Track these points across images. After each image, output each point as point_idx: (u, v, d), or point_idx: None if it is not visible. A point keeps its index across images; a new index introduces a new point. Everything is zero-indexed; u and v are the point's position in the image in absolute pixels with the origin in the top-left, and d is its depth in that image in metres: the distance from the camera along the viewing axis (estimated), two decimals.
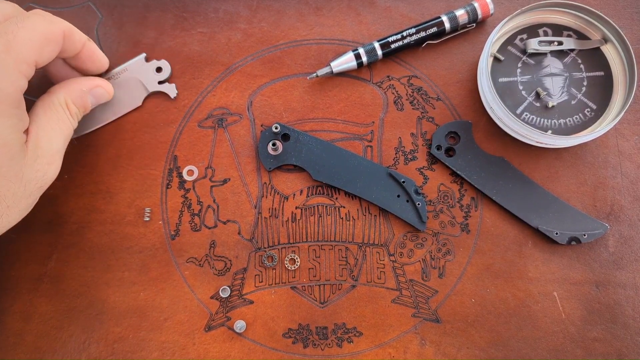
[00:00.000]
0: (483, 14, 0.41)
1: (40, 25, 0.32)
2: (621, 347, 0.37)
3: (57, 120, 0.35)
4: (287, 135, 0.40)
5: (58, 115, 0.35)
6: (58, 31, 0.33)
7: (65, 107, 0.35)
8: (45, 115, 0.34)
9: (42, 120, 0.34)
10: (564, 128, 0.39)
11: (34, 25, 0.32)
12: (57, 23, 0.34)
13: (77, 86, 0.37)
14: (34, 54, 0.31)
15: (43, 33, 0.32)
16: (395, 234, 0.40)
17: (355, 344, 0.38)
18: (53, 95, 0.35)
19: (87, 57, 0.38)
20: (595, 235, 0.39)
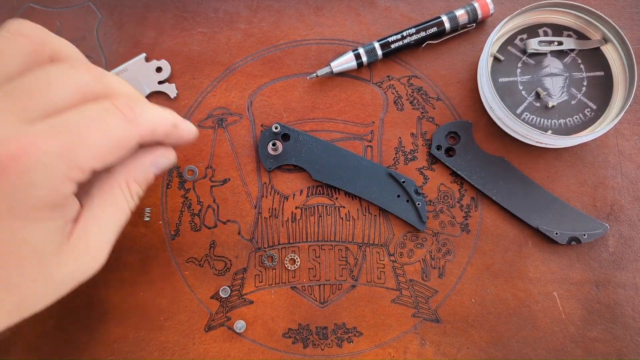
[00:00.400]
0: (483, 14, 0.41)
1: (117, 129, 0.25)
2: (621, 347, 0.37)
3: (114, 206, 0.28)
4: (287, 135, 0.40)
5: (116, 200, 0.28)
6: (135, 137, 0.26)
7: (126, 187, 0.29)
8: (100, 201, 0.28)
9: (96, 208, 0.28)
10: (564, 128, 0.39)
11: (108, 128, 0.25)
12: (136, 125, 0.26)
13: (140, 162, 0.30)
14: (94, 163, 0.25)
15: (117, 140, 0.25)
16: (395, 234, 0.40)
17: (355, 344, 0.38)
18: (113, 175, 0.29)
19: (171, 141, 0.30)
20: (595, 235, 0.39)
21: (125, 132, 0.26)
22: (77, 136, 0.24)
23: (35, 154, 0.23)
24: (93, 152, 0.25)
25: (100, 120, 0.25)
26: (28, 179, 0.23)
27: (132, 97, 0.29)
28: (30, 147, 0.23)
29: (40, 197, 0.24)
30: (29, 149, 0.23)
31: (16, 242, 0.24)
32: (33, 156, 0.23)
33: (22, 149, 0.22)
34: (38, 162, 0.23)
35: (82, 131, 0.24)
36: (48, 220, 0.25)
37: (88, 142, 0.24)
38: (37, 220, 0.24)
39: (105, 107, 0.25)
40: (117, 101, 0.26)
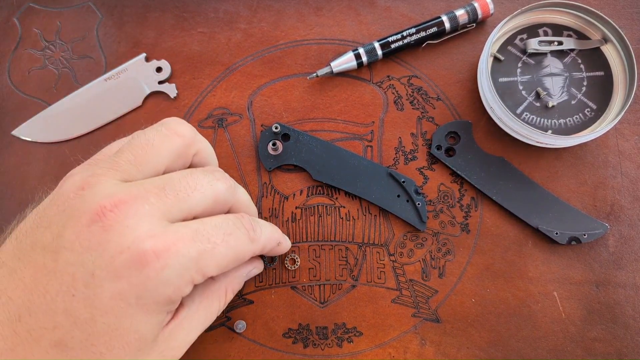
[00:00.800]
0: (483, 14, 0.41)
1: (242, 246, 0.28)
2: (621, 347, 0.37)
3: (208, 310, 0.31)
4: (287, 135, 0.40)
5: (212, 305, 0.31)
6: (251, 254, 0.30)
7: (224, 296, 0.32)
8: (199, 304, 0.30)
9: (193, 309, 0.30)
10: (564, 128, 0.39)
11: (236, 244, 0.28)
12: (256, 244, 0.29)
13: (239, 272, 0.33)
14: (215, 272, 0.27)
15: (239, 255, 0.28)
16: (396, 234, 0.40)
17: (355, 343, 0.38)
18: (215, 282, 0.31)
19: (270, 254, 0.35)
20: (596, 235, 0.39)
21: (247, 248, 0.29)
22: (211, 246, 0.26)
23: (176, 255, 0.25)
24: (218, 262, 0.27)
25: (231, 235, 0.27)
26: (163, 276, 0.25)
27: (253, 212, 0.33)
28: (173, 248, 0.25)
29: (166, 294, 0.26)
30: (172, 249, 0.25)
31: (129, 329, 0.25)
32: (174, 257, 0.25)
33: (167, 248, 0.25)
34: (177, 263, 0.25)
35: (217, 242, 0.27)
36: (159, 314, 0.26)
37: (217, 253, 0.27)
38: (152, 313, 0.26)
39: (236, 225, 0.28)
40: (244, 220, 0.29)
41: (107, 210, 0.25)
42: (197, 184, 0.28)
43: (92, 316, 0.24)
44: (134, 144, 0.28)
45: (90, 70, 0.43)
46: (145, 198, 0.26)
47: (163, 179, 0.27)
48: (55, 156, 0.41)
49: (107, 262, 0.24)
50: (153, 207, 0.25)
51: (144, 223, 0.25)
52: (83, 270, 0.24)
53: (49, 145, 0.42)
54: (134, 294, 0.25)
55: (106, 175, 0.27)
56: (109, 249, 0.24)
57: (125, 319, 0.25)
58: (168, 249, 0.25)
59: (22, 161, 0.41)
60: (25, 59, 0.43)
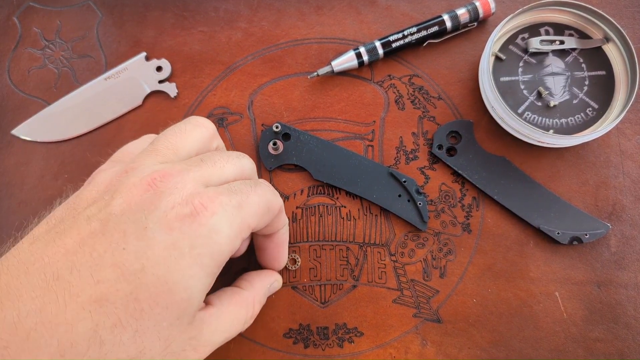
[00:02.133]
0: (484, 13, 0.41)
1: (268, 194, 0.31)
2: (623, 347, 0.37)
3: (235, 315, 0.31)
4: (288, 134, 0.40)
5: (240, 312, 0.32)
6: (278, 205, 0.32)
7: (252, 305, 0.33)
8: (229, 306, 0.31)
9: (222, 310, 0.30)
10: (565, 127, 0.39)
11: (264, 193, 0.30)
12: (279, 197, 0.32)
13: (263, 284, 0.35)
14: (256, 220, 0.29)
15: (269, 202, 0.31)
16: (397, 234, 0.39)
17: (356, 344, 0.38)
18: (244, 291, 0.33)
19: (276, 244, 0.35)
20: (597, 235, 0.38)
21: (273, 198, 0.31)
22: (246, 196, 0.29)
23: (220, 204, 0.27)
24: (256, 210, 0.29)
25: (257, 187, 0.30)
26: (214, 222, 0.27)
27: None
28: (216, 199, 0.27)
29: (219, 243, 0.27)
30: (216, 200, 0.27)
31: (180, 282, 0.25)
32: (218, 206, 0.27)
33: (211, 199, 0.27)
34: (223, 210, 0.27)
35: (249, 193, 0.29)
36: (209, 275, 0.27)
37: (252, 202, 0.29)
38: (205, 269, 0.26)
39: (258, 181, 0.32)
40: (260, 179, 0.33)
41: (157, 180, 0.27)
42: (229, 159, 0.31)
43: (143, 267, 0.24)
44: (169, 133, 0.31)
45: (90, 69, 0.43)
46: (188, 170, 0.28)
47: (200, 156, 0.31)
48: (55, 156, 0.41)
49: (160, 216, 0.26)
50: (196, 174, 0.28)
51: (190, 184, 0.27)
52: (135, 226, 0.25)
53: (48, 145, 0.42)
54: (187, 243, 0.26)
55: (148, 157, 0.29)
56: (162, 206, 0.26)
57: (176, 271, 0.25)
58: (213, 200, 0.27)
59: (22, 161, 0.41)
60: (25, 58, 0.43)
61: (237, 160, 0.32)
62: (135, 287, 0.24)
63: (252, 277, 0.35)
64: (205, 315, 0.28)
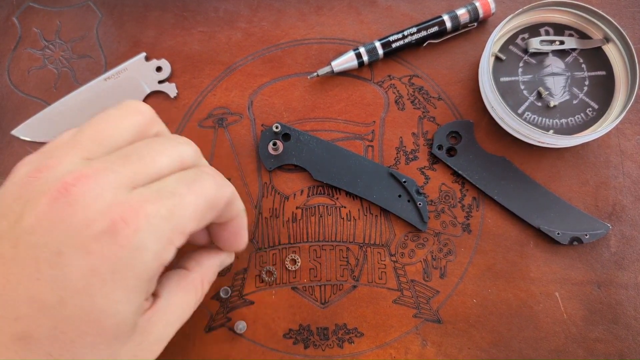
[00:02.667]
0: (484, 13, 0.41)
1: (210, 190, 0.27)
2: (623, 348, 0.37)
3: (185, 302, 0.29)
4: (288, 134, 0.40)
5: (189, 297, 0.29)
6: (224, 199, 0.28)
7: (201, 287, 0.30)
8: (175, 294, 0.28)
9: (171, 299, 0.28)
10: (565, 128, 0.39)
11: (203, 189, 0.26)
12: (225, 187, 0.28)
13: (212, 263, 0.32)
14: (193, 225, 0.26)
15: (211, 198, 0.27)
16: (397, 234, 0.39)
17: (356, 344, 0.38)
18: (191, 273, 0.30)
19: (232, 232, 0.32)
20: (597, 236, 0.38)
21: (217, 193, 0.27)
22: (179, 199, 0.25)
23: (144, 217, 0.23)
24: (192, 214, 0.25)
25: (195, 182, 0.26)
26: (137, 241, 0.23)
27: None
28: (140, 210, 0.23)
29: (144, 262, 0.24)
30: (139, 211, 0.23)
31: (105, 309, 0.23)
32: (143, 218, 0.23)
33: (134, 211, 0.23)
34: (147, 224, 0.23)
35: (183, 193, 0.25)
36: (139, 293, 0.24)
37: (187, 203, 0.25)
38: (132, 291, 0.24)
39: (198, 172, 0.27)
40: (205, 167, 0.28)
41: (70, 186, 0.23)
42: (163, 148, 0.26)
43: (61, 299, 0.22)
44: (95, 122, 0.27)
45: (90, 69, 0.43)
46: (110, 169, 0.24)
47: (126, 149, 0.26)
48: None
49: (73, 237, 0.22)
50: (118, 175, 0.24)
51: (108, 192, 0.23)
52: (47, 251, 0.22)
53: None
54: (108, 268, 0.22)
55: (67, 154, 0.25)
56: (75, 223, 0.22)
57: (99, 299, 0.23)
58: (136, 212, 0.23)
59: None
60: (25, 59, 0.43)
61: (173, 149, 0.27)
62: (58, 322, 0.22)
63: (201, 255, 0.32)
64: (151, 315, 0.26)
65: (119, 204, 0.23)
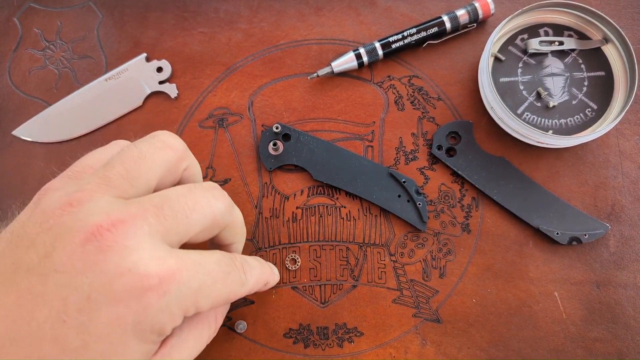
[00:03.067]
0: (484, 14, 0.41)
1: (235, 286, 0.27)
2: (622, 347, 0.37)
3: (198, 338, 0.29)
4: (288, 135, 0.40)
5: (202, 333, 0.29)
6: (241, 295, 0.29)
7: (214, 321, 0.30)
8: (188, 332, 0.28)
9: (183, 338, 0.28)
10: (564, 128, 0.39)
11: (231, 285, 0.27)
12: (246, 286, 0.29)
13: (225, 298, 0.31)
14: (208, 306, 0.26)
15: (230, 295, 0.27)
16: (396, 234, 0.40)
17: (356, 344, 0.38)
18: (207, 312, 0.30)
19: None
20: (596, 235, 0.39)
21: (238, 290, 0.28)
22: (212, 282, 0.25)
23: (179, 283, 0.23)
24: (214, 300, 0.26)
25: (229, 275, 0.27)
26: (163, 303, 0.23)
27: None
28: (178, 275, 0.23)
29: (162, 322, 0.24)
30: (177, 276, 0.23)
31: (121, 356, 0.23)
32: (177, 284, 0.23)
33: (172, 274, 0.23)
34: (178, 291, 0.23)
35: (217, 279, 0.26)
36: (150, 344, 0.25)
37: (215, 290, 0.26)
38: (144, 342, 0.24)
39: (232, 266, 0.27)
40: (237, 261, 0.28)
41: (104, 230, 0.23)
42: (196, 204, 0.26)
43: (85, 344, 0.22)
44: (125, 157, 0.26)
45: (91, 70, 0.43)
46: (144, 218, 0.24)
47: (160, 197, 0.26)
48: (55, 156, 0.41)
49: (105, 284, 0.22)
50: (152, 228, 0.24)
51: (145, 245, 0.23)
52: (77, 294, 0.22)
53: (49, 146, 0.42)
54: (131, 320, 0.23)
55: (98, 191, 0.25)
56: (108, 270, 0.22)
57: (118, 347, 0.23)
58: (173, 275, 0.23)
59: (22, 161, 0.41)
60: (26, 59, 0.43)
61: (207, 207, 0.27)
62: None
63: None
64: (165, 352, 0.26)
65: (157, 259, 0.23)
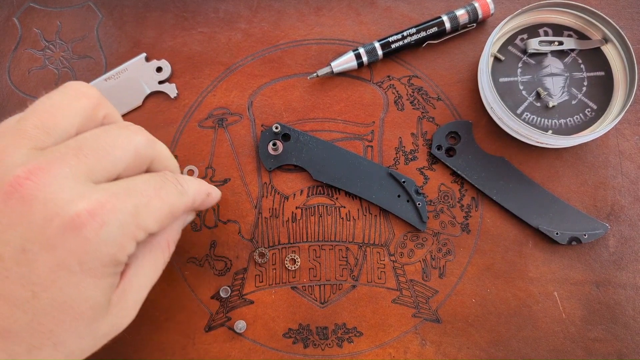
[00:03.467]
0: (483, 14, 0.41)
1: (174, 198, 0.28)
2: (621, 347, 0.37)
3: (153, 265, 0.30)
4: (288, 135, 0.40)
5: (157, 259, 0.30)
6: (184, 206, 0.29)
7: (167, 248, 0.31)
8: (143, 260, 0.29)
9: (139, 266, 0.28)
10: (564, 128, 0.39)
11: (169, 197, 0.27)
12: (186, 196, 0.29)
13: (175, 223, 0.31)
14: (154, 226, 0.27)
15: (173, 207, 0.28)
16: (396, 234, 0.40)
17: (355, 344, 0.38)
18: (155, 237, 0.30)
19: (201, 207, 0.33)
20: (596, 235, 0.39)
21: (179, 201, 0.28)
22: (146, 200, 0.26)
23: (112, 212, 0.24)
24: (155, 216, 0.26)
25: (161, 189, 0.27)
26: (103, 235, 0.23)
27: (174, 166, 0.32)
28: (108, 205, 0.24)
29: (110, 254, 0.24)
30: (107, 206, 0.24)
31: (78, 297, 0.24)
32: (110, 213, 0.24)
33: (101, 205, 0.23)
34: (115, 219, 0.24)
35: (151, 196, 0.26)
36: (108, 277, 0.25)
37: (153, 207, 0.26)
38: (101, 277, 0.25)
39: (165, 179, 0.28)
40: (168, 175, 0.29)
41: (24, 180, 0.22)
42: (116, 140, 0.26)
43: (33, 293, 0.23)
44: (39, 108, 0.26)
45: (91, 70, 0.43)
46: (64, 161, 0.24)
47: (77, 140, 0.25)
48: None
49: (36, 233, 0.22)
50: (74, 169, 0.24)
51: (68, 186, 0.23)
52: (11, 249, 0.22)
53: None
54: (75, 260, 0.23)
55: (13, 144, 0.24)
56: (35, 219, 0.22)
57: (71, 289, 0.23)
58: (103, 206, 0.23)
59: None
60: (26, 59, 0.43)
61: (126, 141, 0.26)
62: (33, 315, 0.23)
63: None
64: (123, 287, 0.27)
65: (83, 197, 0.23)
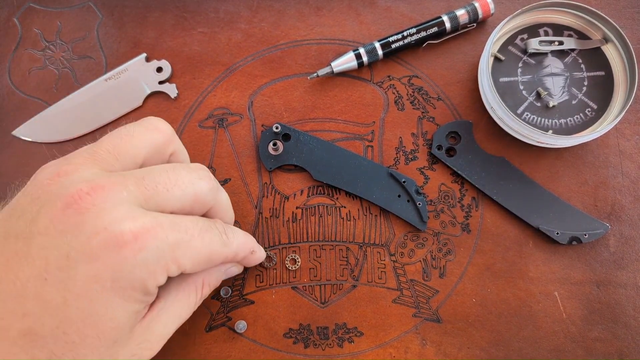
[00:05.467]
0: (484, 14, 0.41)
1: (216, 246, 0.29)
2: (622, 347, 0.37)
3: (185, 303, 0.30)
4: (288, 135, 0.40)
5: (189, 298, 0.30)
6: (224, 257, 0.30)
7: (201, 289, 0.31)
8: (176, 296, 0.30)
9: (170, 301, 0.29)
10: (564, 128, 0.39)
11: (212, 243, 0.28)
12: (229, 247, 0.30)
13: (217, 267, 0.32)
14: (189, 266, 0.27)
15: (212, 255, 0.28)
16: (396, 234, 0.40)
17: (356, 343, 0.38)
18: (191, 275, 0.31)
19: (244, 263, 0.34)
20: (596, 235, 0.39)
21: (220, 250, 0.29)
22: (188, 238, 0.26)
23: (154, 239, 0.25)
24: (192, 257, 0.27)
25: (206, 233, 0.28)
26: (140, 257, 0.24)
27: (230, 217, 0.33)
28: (152, 231, 0.25)
29: (142, 278, 0.25)
30: (151, 232, 0.25)
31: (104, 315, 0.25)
32: (152, 240, 0.25)
33: (146, 230, 0.25)
34: (154, 246, 0.25)
35: (194, 236, 0.27)
36: (135, 303, 0.26)
37: (193, 246, 0.27)
38: (128, 300, 0.25)
39: (212, 226, 0.29)
40: (218, 223, 0.30)
41: (84, 194, 0.24)
42: (179, 180, 0.28)
43: (65, 300, 0.24)
44: (114, 135, 0.28)
45: (91, 70, 0.43)
46: (124, 185, 0.25)
47: (143, 170, 0.27)
48: (55, 156, 0.41)
49: (82, 243, 0.24)
50: (131, 195, 0.25)
51: (121, 206, 0.25)
52: (57, 254, 0.24)
53: (49, 146, 0.42)
54: (109, 276, 0.24)
55: (84, 163, 0.26)
56: (85, 230, 0.24)
57: (99, 304, 0.24)
58: (147, 231, 0.25)
59: (22, 161, 0.41)
60: (26, 59, 0.43)
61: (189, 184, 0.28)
62: (60, 321, 0.24)
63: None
64: (149, 320, 0.28)
65: (131, 219, 0.24)
